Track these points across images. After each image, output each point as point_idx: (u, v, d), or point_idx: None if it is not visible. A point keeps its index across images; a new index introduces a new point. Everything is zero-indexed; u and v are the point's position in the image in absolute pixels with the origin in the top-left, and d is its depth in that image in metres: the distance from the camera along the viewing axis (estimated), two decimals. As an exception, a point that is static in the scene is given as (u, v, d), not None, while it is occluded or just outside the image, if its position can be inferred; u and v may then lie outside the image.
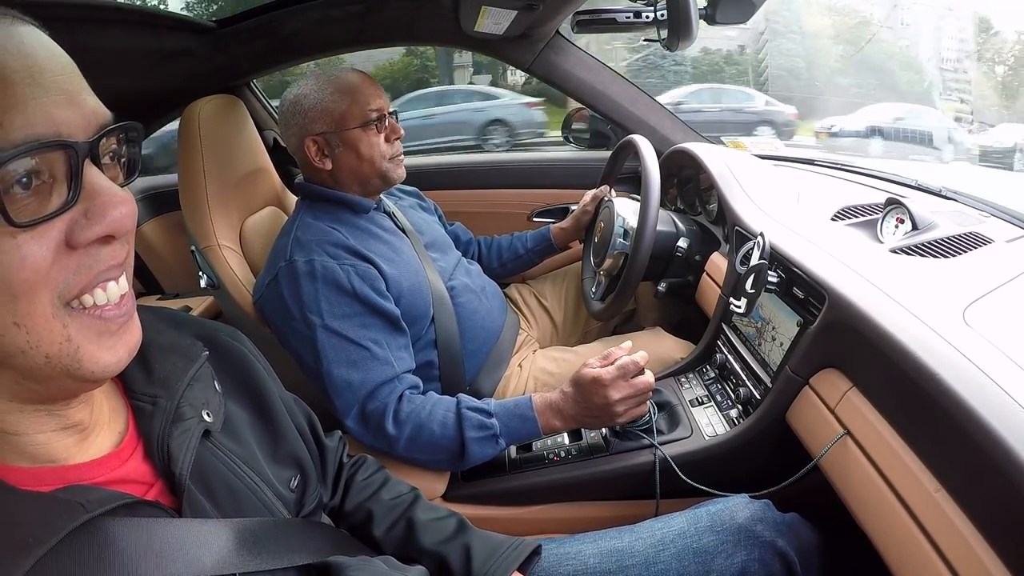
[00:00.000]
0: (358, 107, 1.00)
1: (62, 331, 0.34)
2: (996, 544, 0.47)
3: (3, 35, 0.33)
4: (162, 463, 0.43)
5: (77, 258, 0.34)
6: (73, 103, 0.34)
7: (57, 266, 0.33)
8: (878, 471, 0.61)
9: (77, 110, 0.34)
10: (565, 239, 1.37)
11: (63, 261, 0.33)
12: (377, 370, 0.91)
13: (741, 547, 0.68)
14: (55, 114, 0.33)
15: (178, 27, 1.23)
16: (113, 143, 0.37)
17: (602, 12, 1.22)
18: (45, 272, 0.33)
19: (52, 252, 0.33)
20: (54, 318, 0.34)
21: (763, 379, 0.86)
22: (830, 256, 0.81)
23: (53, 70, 0.34)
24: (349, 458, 0.72)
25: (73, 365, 0.35)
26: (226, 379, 0.53)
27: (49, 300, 0.33)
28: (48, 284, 0.33)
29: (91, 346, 0.35)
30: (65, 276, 0.34)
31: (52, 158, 0.33)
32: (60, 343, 0.34)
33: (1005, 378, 0.52)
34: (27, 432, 0.37)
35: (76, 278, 0.34)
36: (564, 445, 0.95)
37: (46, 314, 0.33)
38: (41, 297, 0.33)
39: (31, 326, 0.33)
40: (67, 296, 0.34)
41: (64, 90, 0.34)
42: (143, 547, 0.38)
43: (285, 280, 0.93)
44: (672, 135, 1.48)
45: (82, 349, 0.35)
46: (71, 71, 0.35)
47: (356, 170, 1.03)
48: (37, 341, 0.33)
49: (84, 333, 0.35)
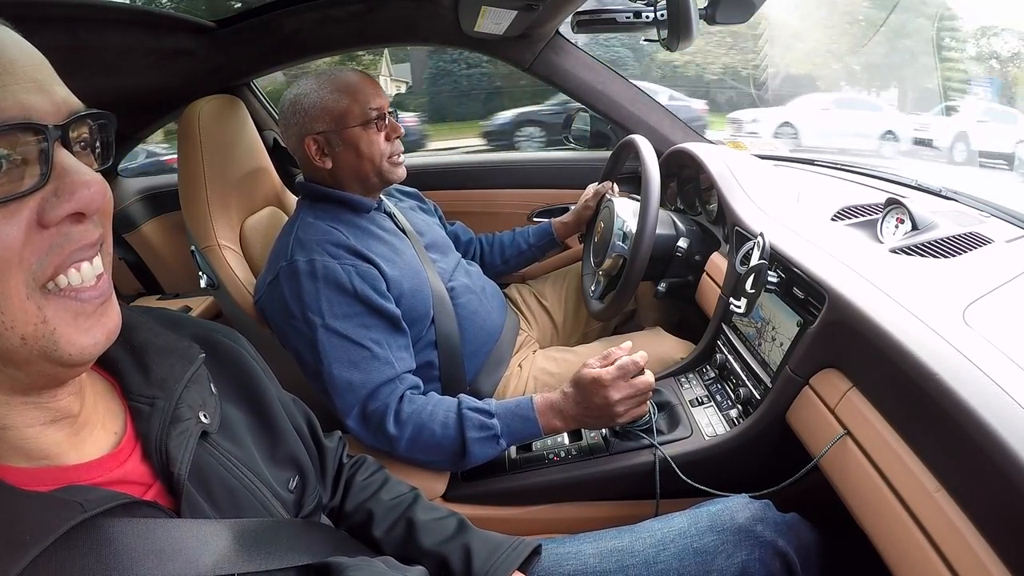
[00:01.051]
0: (358, 105, 1.00)
1: (37, 312, 0.34)
2: (996, 544, 0.47)
3: None
4: (160, 464, 0.43)
5: (49, 237, 0.34)
6: (43, 90, 0.35)
7: (29, 246, 0.33)
8: (878, 471, 0.61)
9: (47, 96, 0.35)
10: (566, 233, 1.39)
11: (35, 240, 0.34)
12: (378, 370, 0.91)
13: (741, 547, 0.68)
14: (25, 99, 0.34)
15: (178, 27, 1.23)
16: (85, 132, 0.38)
17: (602, 12, 1.21)
18: (17, 251, 0.33)
19: (23, 231, 0.33)
20: (28, 299, 0.34)
21: (763, 379, 0.86)
22: (830, 256, 0.81)
23: (23, 61, 0.35)
24: (349, 458, 0.72)
25: (50, 347, 0.35)
26: (223, 380, 0.53)
27: (22, 280, 0.33)
28: (21, 264, 0.33)
29: (68, 328, 0.35)
30: (38, 256, 0.34)
31: (23, 141, 0.33)
32: (35, 324, 0.34)
33: (1005, 378, 0.52)
34: (16, 426, 0.37)
35: (49, 258, 0.34)
36: (564, 445, 0.95)
37: (20, 295, 0.33)
38: (14, 276, 0.33)
39: (5, 306, 0.33)
40: (41, 278, 0.34)
41: (34, 79, 0.35)
42: (142, 547, 0.38)
43: (286, 280, 0.93)
44: (672, 135, 1.48)
45: (58, 331, 0.35)
46: (41, 63, 0.36)
47: (356, 168, 1.03)
48: (12, 322, 0.33)
49: (60, 315, 0.35)
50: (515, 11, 1.15)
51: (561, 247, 1.42)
